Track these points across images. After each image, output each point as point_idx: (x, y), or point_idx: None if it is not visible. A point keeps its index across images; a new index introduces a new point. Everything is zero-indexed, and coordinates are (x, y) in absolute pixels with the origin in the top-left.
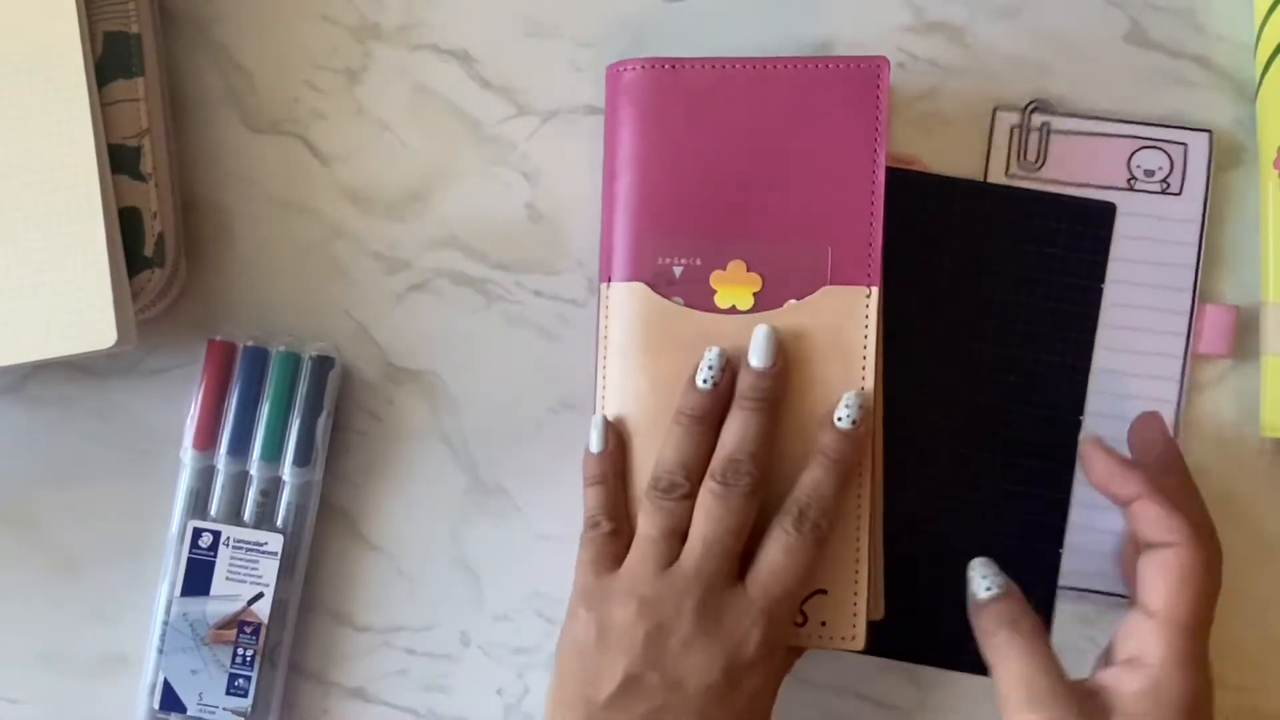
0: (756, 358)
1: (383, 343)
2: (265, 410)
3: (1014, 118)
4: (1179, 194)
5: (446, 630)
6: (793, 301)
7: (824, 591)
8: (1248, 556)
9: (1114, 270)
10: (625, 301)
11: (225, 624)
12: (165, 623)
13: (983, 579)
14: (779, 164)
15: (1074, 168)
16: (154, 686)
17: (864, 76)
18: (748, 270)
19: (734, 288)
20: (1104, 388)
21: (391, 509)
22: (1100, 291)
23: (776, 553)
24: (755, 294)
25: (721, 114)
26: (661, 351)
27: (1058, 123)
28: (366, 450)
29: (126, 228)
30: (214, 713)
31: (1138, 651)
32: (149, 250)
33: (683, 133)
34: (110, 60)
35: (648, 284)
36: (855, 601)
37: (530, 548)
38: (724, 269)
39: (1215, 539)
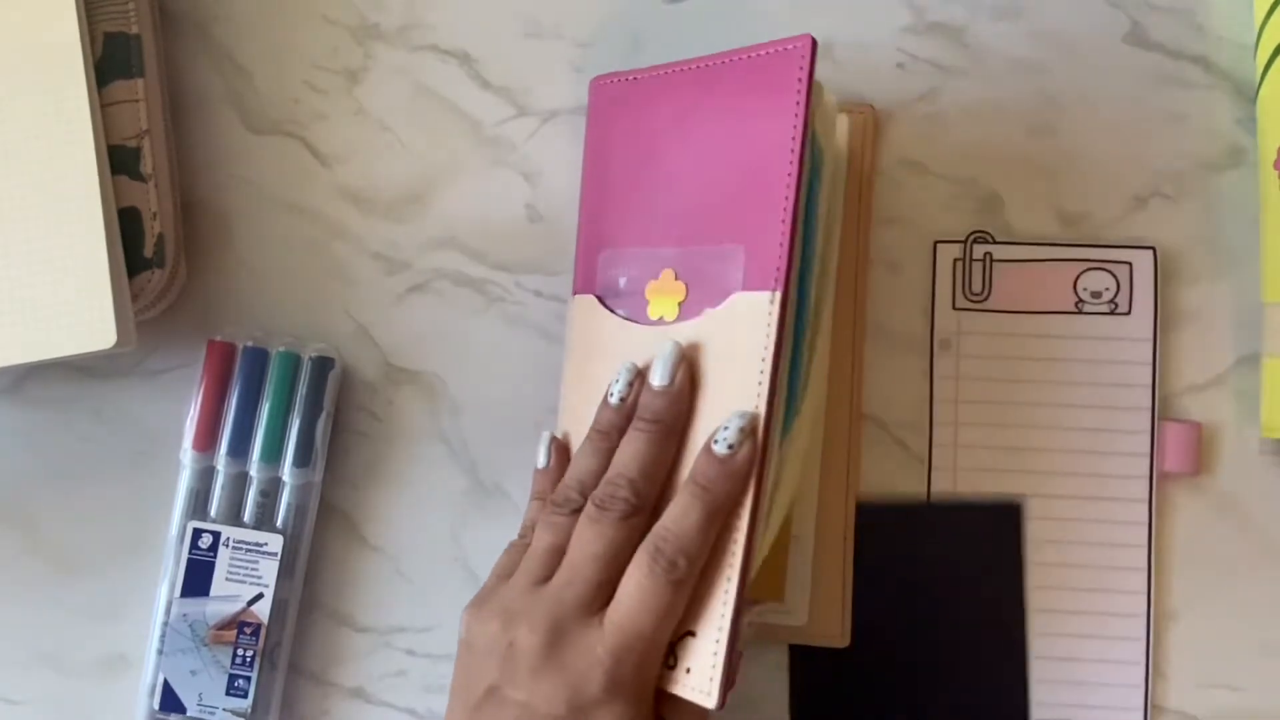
0: (654, 376)
1: (383, 343)
2: (265, 411)
3: (956, 250)
4: (1128, 313)
5: (446, 631)
6: (709, 310)
7: (693, 634)
8: (1248, 557)
9: (1071, 395)
10: (579, 314)
11: (225, 625)
12: (165, 623)
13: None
14: (706, 166)
15: (1020, 295)
16: (154, 687)
17: (786, 61)
18: (675, 279)
19: (663, 298)
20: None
21: (391, 510)
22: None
23: (630, 589)
24: (680, 304)
25: (661, 120)
26: (600, 365)
27: (1000, 251)
28: (366, 451)
29: (126, 228)
30: (214, 713)
31: None
32: (149, 251)
33: (629, 143)
34: (110, 61)
35: (598, 296)
36: (715, 655)
37: None
38: (657, 279)
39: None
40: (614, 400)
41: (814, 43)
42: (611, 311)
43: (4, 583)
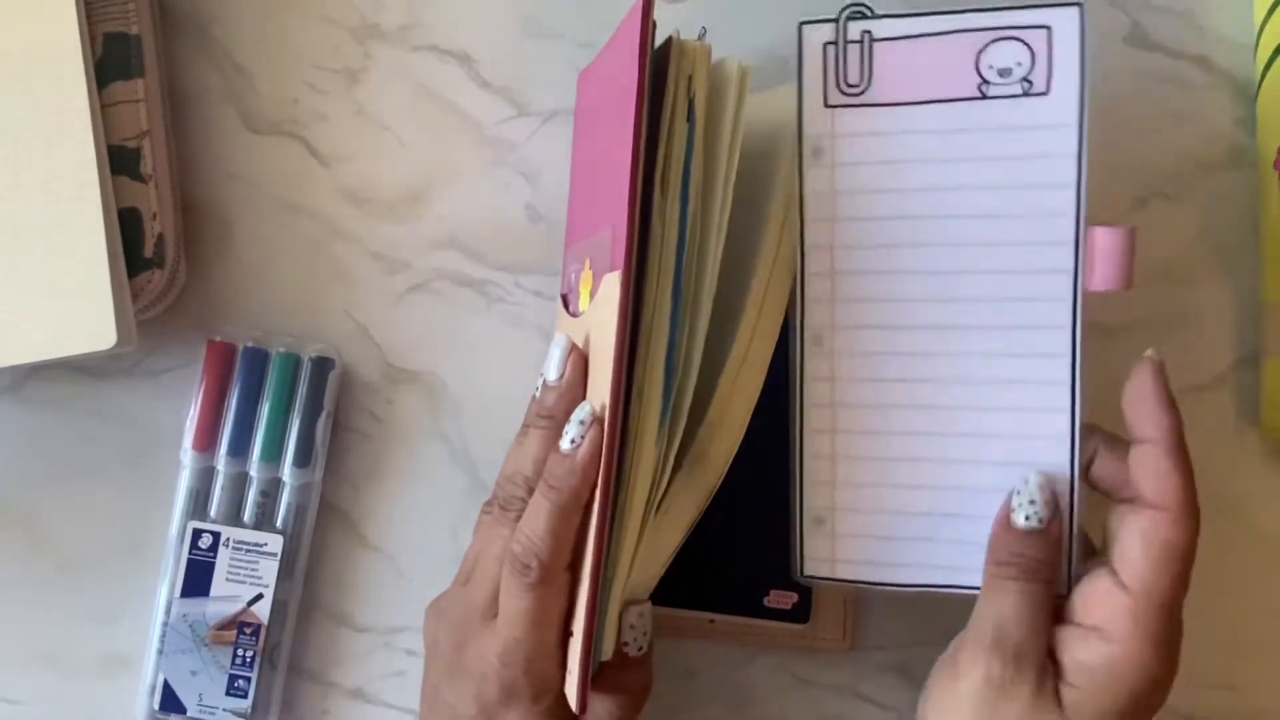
0: (547, 370)
1: (382, 343)
2: (265, 411)
3: (827, 32)
4: (1045, 92)
5: None
6: (595, 297)
7: (571, 634)
8: (1248, 556)
9: (971, 202)
10: (558, 317)
11: (225, 625)
12: (165, 624)
13: (1029, 503)
14: (602, 148)
15: (908, 82)
16: (154, 687)
17: (631, 20)
18: (588, 269)
19: (584, 289)
20: (970, 346)
21: (391, 510)
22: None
23: (502, 594)
24: (590, 293)
25: (589, 104)
26: None
27: (881, 27)
28: (366, 451)
29: (126, 229)
30: (214, 714)
31: (1103, 621)
32: (149, 251)
33: (580, 136)
34: (110, 61)
35: (563, 298)
36: (576, 655)
37: None
38: (581, 271)
39: (1198, 513)
40: (536, 397)
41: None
42: (565, 309)
43: (4, 583)
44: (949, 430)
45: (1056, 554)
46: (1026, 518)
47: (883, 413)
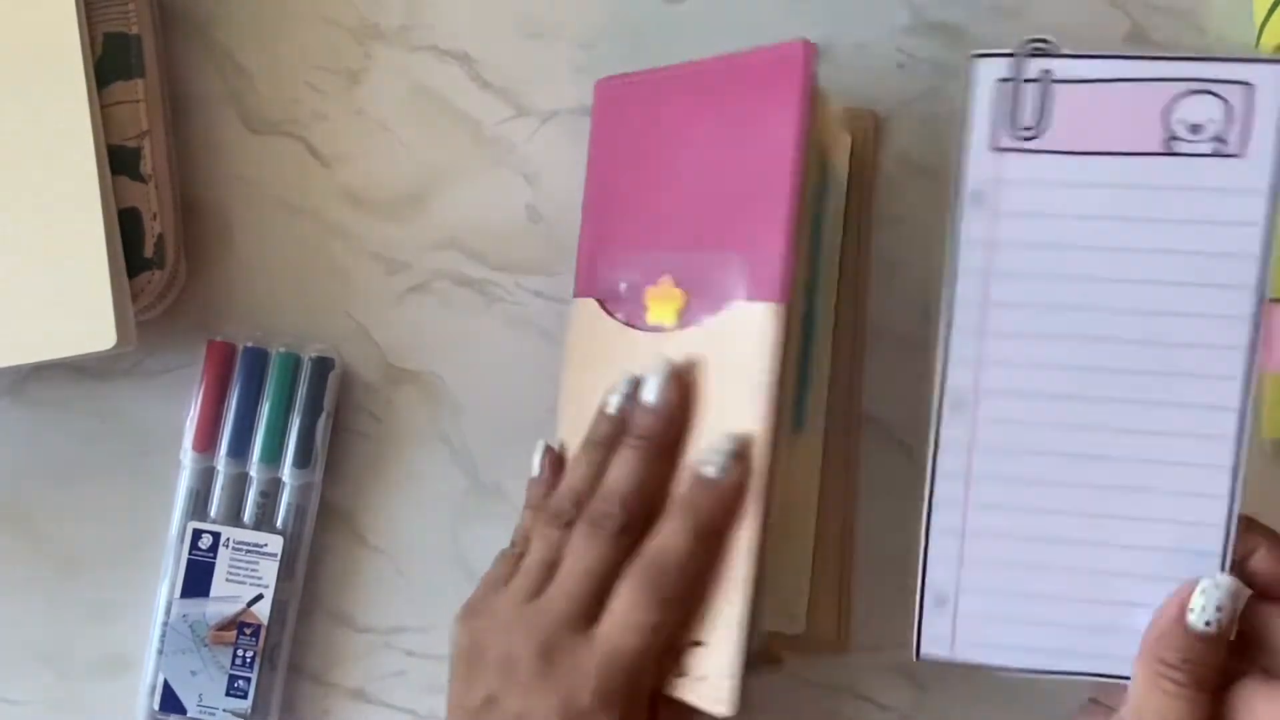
0: (646, 392)
1: (383, 344)
2: (265, 411)
3: (1002, 67)
4: (1239, 155)
5: (446, 631)
6: (707, 319)
7: (701, 644)
8: None
9: (1144, 266)
10: (579, 318)
11: (225, 625)
12: (165, 624)
13: (1216, 609)
14: (707, 170)
15: (1088, 130)
16: (154, 688)
17: (784, 65)
18: (674, 285)
19: (662, 304)
20: (1125, 422)
21: (391, 510)
22: None
23: (620, 605)
24: (679, 311)
25: (663, 123)
26: (599, 370)
27: (1064, 67)
28: (366, 451)
29: (126, 229)
30: (214, 714)
31: None
32: (149, 251)
33: (633, 145)
34: (110, 61)
35: (598, 300)
36: (728, 664)
37: None
38: (656, 284)
39: None
40: (611, 411)
41: (810, 48)
42: (610, 315)
43: (4, 583)
44: (1093, 511)
45: (1224, 661)
46: (1207, 622)
47: (1022, 488)
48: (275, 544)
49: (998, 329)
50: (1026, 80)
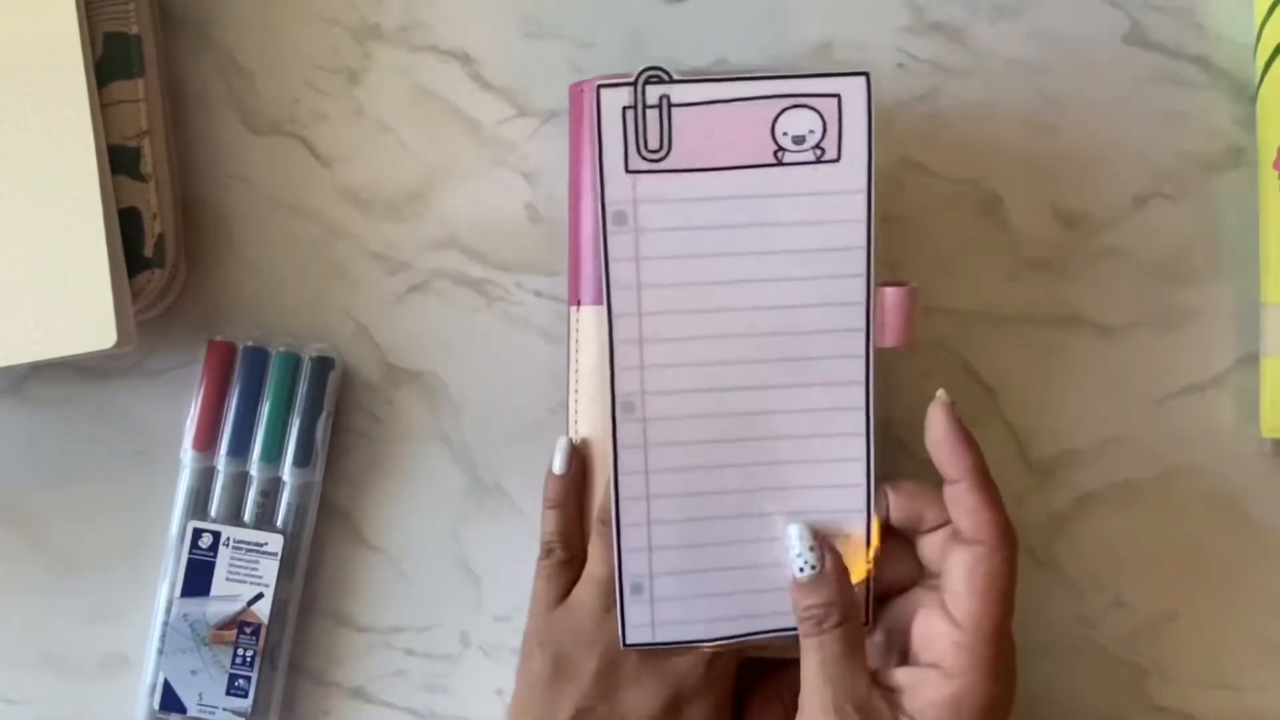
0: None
1: (382, 343)
2: (265, 411)
3: (625, 96)
4: (837, 159)
5: (446, 631)
6: None
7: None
8: (1248, 557)
9: (769, 266)
10: (596, 326)
11: (225, 624)
12: (165, 623)
13: (798, 556)
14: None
15: (708, 148)
16: (154, 687)
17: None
18: None
19: None
20: (772, 405)
21: (391, 509)
22: None
23: None
24: None
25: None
26: None
27: (679, 92)
28: (366, 451)
29: (126, 228)
30: (214, 713)
31: (940, 658)
32: (149, 251)
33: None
34: (110, 61)
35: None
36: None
37: (530, 548)
38: None
39: (1014, 539)
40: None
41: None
42: None
43: (4, 582)
44: (755, 486)
45: (843, 590)
46: (801, 569)
47: (693, 474)
48: (275, 543)
49: (653, 335)
50: (648, 107)
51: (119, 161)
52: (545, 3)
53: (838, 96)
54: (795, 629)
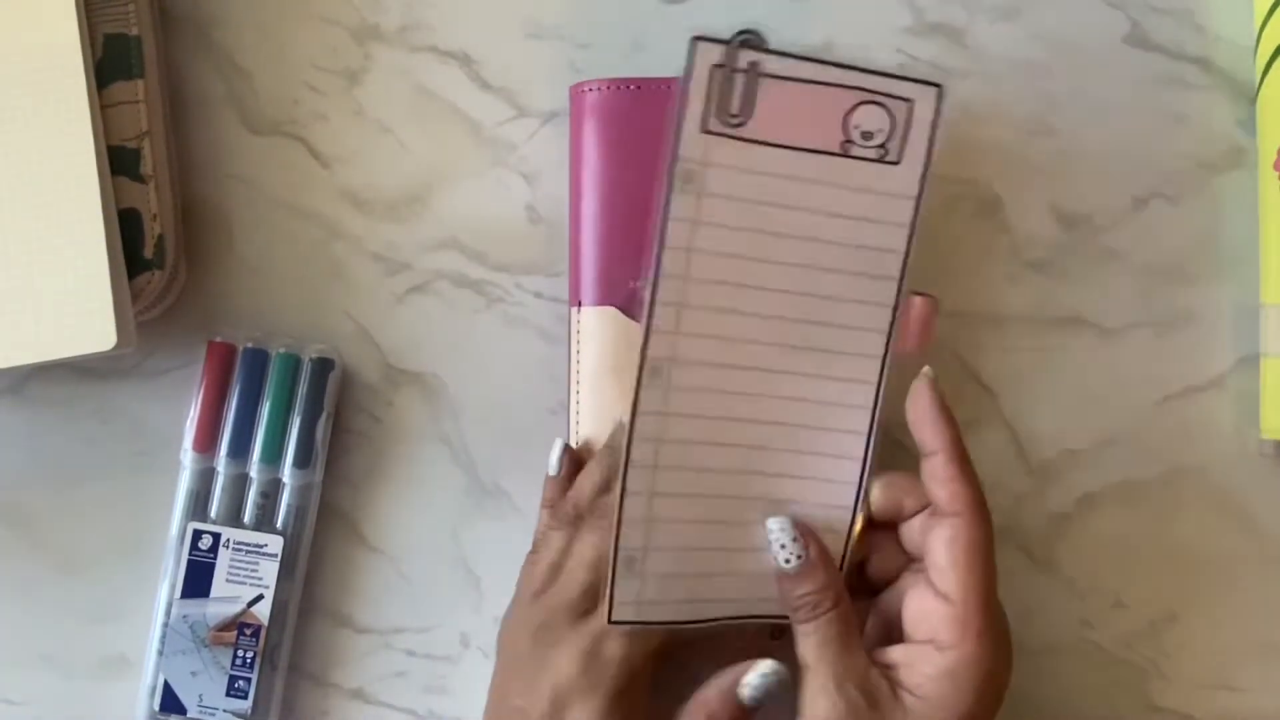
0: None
1: (383, 344)
2: (265, 412)
3: (717, 54)
4: (897, 163)
5: (446, 631)
6: None
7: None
8: (1248, 557)
9: (818, 253)
10: (597, 326)
11: (225, 626)
12: (165, 624)
13: (781, 547)
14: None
15: (783, 124)
16: (154, 688)
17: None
18: None
19: None
20: (790, 391)
21: (391, 510)
22: None
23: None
24: None
25: (656, 130)
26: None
27: (769, 62)
28: (366, 452)
29: (126, 230)
30: (214, 714)
31: (933, 632)
32: (149, 252)
33: (646, 153)
34: (110, 62)
35: (619, 308)
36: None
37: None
38: None
39: (988, 511)
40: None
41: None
42: (637, 321)
43: (4, 583)
44: (754, 469)
45: (831, 575)
46: (787, 560)
47: (701, 449)
48: (275, 544)
49: (695, 302)
50: (736, 70)
51: (119, 163)
52: (545, 3)
53: (911, 101)
54: (775, 615)
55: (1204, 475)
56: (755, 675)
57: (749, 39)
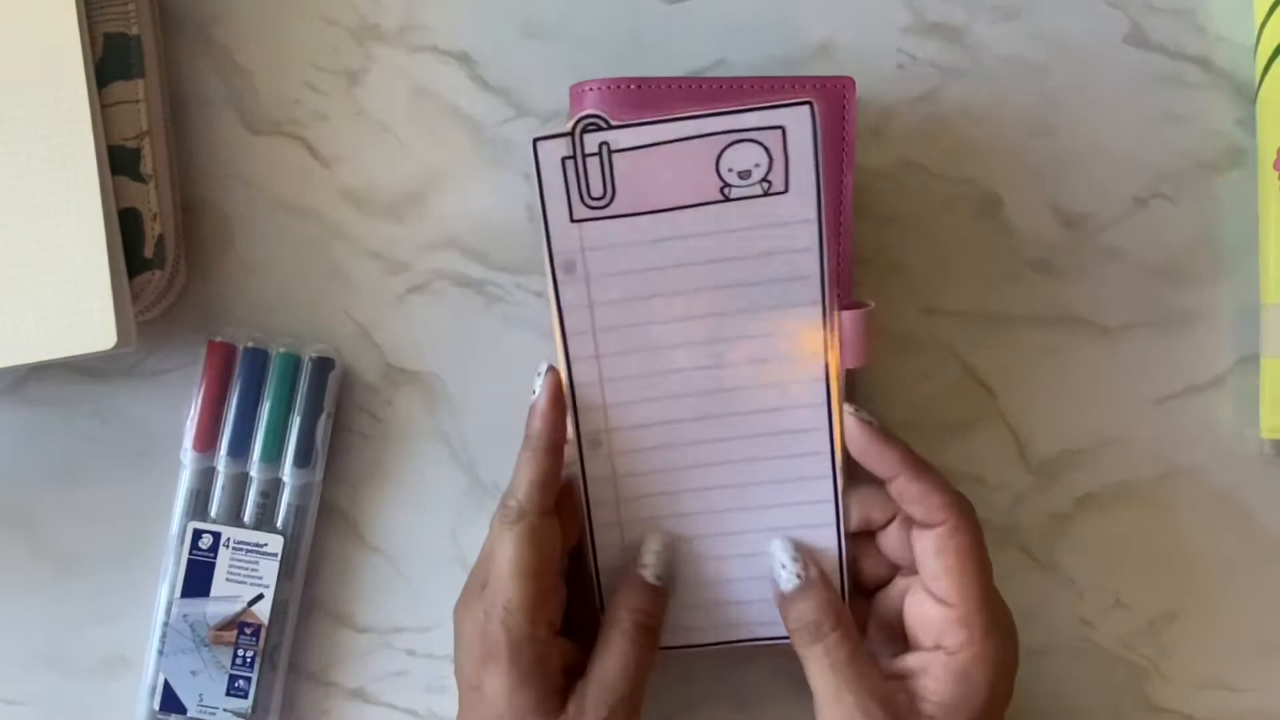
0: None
1: (382, 344)
2: (265, 411)
3: (563, 146)
4: (785, 190)
5: (447, 631)
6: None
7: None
8: (1248, 558)
9: (725, 300)
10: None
11: (225, 625)
12: (165, 624)
13: (783, 568)
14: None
15: (650, 192)
16: (154, 688)
17: (829, 97)
18: None
19: None
20: (735, 431)
21: (391, 510)
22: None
23: (491, 550)
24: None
25: None
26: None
27: (618, 138)
28: (366, 451)
29: (126, 229)
30: (214, 714)
31: (939, 638)
32: (149, 252)
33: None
34: (110, 62)
35: None
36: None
37: None
38: None
39: (968, 506)
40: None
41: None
42: None
43: (4, 583)
44: (721, 508)
45: (832, 595)
46: (788, 580)
47: (661, 501)
48: (275, 544)
49: (612, 375)
50: (587, 155)
51: (119, 162)
52: (545, 3)
53: (782, 128)
54: (758, 638)
55: (1203, 475)
56: (649, 554)
57: (591, 122)
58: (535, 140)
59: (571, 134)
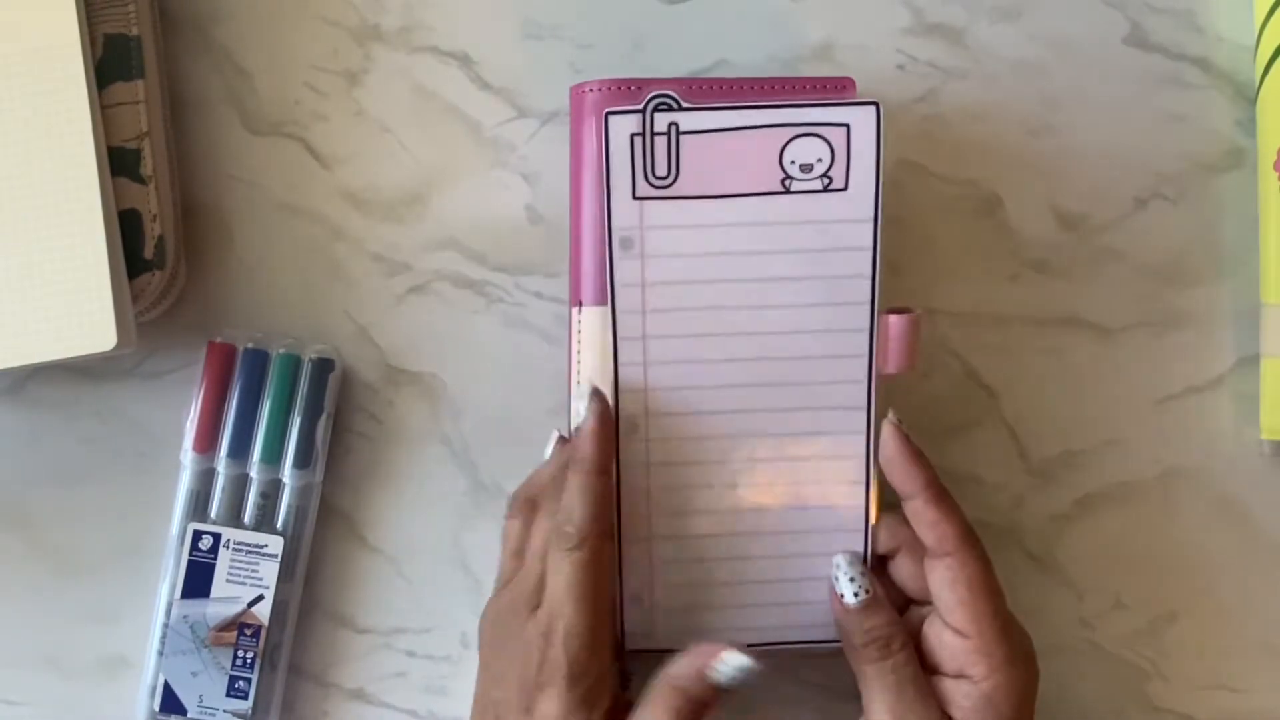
0: (577, 419)
1: (383, 345)
2: (265, 412)
3: (633, 123)
4: (844, 189)
5: (447, 632)
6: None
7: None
8: (1247, 559)
9: (775, 293)
10: (598, 326)
11: (225, 626)
12: (165, 625)
13: (850, 581)
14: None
15: (715, 176)
16: (154, 689)
17: (829, 97)
18: None
19: None
20: (775, 428)
21: (392, 511)
22: None
23: (548, 574)
24: None
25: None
26: None
27: (687, 120)
28: (367, 452)
29: (126, 230)
30: (214, 715)
31: (962, 667)
32: (149, 253)
33: None
34: (110, 62)
35: None
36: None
37: None
38: None
39: (978, 540)
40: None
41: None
42: None
43: (4, 584)
44: (758, 506)
45: (894, 613)
46: (855, 594)
47: (694, 493)
48: (275, 545)
49: (657, 358)
50: (656, 134)
51: (119, 163)
52: (545, 3)
53: (847, 126)
54: (789, 642)
55: (1203, 475)
56: (732, 666)
57: (662, 101)
58: (607, 114)
59: (643, 111)
